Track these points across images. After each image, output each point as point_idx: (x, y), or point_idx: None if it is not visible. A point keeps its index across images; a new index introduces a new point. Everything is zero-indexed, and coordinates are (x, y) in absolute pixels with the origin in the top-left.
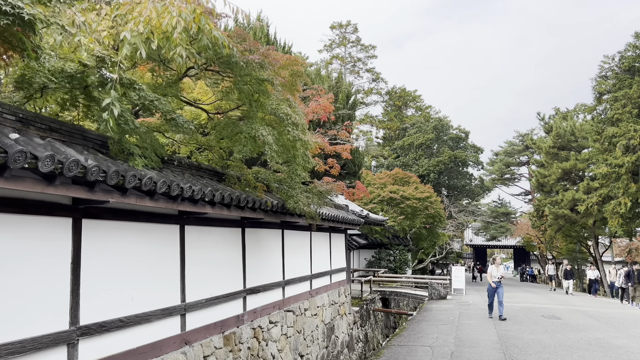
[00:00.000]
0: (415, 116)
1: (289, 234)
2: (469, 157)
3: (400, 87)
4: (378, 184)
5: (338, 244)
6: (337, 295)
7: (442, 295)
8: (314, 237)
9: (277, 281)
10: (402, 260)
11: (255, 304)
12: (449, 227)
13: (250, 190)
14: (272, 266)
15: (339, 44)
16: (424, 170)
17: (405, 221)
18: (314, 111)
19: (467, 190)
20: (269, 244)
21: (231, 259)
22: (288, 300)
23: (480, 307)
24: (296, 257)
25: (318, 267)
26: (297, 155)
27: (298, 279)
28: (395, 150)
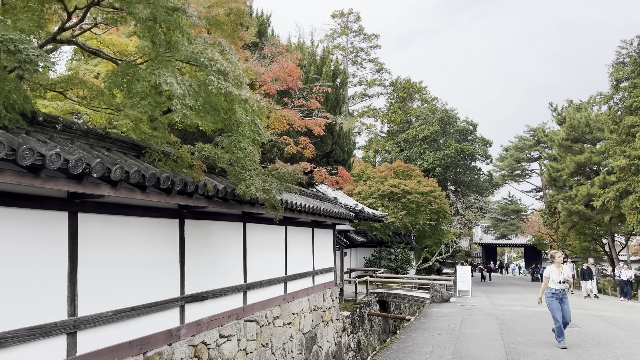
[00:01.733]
0: (421, 108)
1: (253, 228)
2: (477, 151)
3: (405, 79)
4: (378, 177)
5: (324, 241)
6: (322, 299)
7: (445, 297)
8: (291, 233)
9: (235, 285)
10: (404, 259)
11: (200, 314)
12: (455, 224)
13: (185, 171)
14: (228, 267)
15: (340, 34)
16: (429, 164)
17: (407, 217)
18: (276, 76)
19: (475, 185)
20: (223, 240)
21: (161, 258)
22: (251, 307)
23: (487, 312)
24: (264, 256)
25: (296, 267)
26: (239, 122)
27: (266, 282)
28: (399, 143)
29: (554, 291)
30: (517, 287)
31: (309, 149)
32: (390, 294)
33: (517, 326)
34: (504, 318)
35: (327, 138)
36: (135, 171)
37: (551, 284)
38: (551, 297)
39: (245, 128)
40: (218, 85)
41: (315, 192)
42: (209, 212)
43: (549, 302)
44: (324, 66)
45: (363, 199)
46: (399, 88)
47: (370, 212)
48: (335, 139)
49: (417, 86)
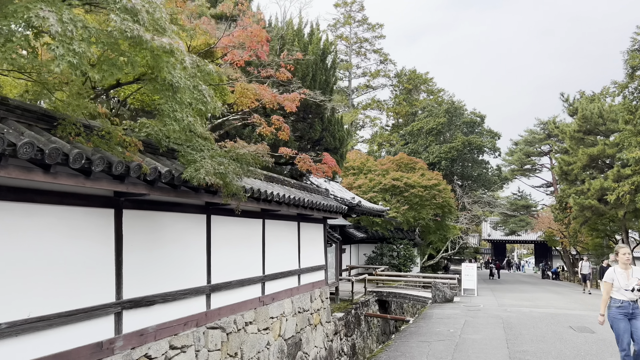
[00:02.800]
0: (426, 100)
1: (220, 221)
2: (485, 143)
3: (410, 69)
4: (379, 170)
5: (313, 237)
6: (309, 300)
7: (448, 297)
8: (270, 227)
9: (196, 287)
10: (407, 256)
11: (144, 321)
12: (462, 219)
13: (118, 150)
14: (186, 266)
15: (343, 23)
16: (434, 157)
17: (409, 212)
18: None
19: (483, 179)
20: (178, 235)
21: (87, 255)
22: (216, 312)
23: (492, 314)
24: (235, 253)
25: (276, 265)
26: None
27: (237, 283)
28: (403, 136)
29: (620, 303)
30: (526, 285)
31: (284, 130)
32: (390, 293)
33: (525, 331)
34: (511, 321)
35: (315, 123)
36: (25, 144)
37: (615, 292)
38: (616, 312)
39: (184, 94)
40: (121, 27)
41: (304, 183)
42: (158, 201)
43: (612, 319)
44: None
45: (363, 192)
46: (404, 79)
47: (369, 206)
48: (325, 124)
49: (423, 77)
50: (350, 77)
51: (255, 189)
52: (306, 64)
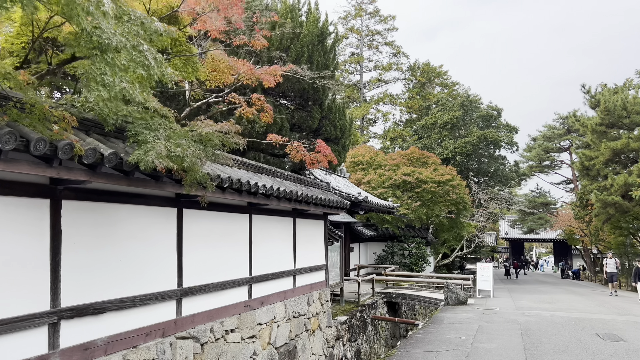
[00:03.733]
0: (441, 93)
1: (195, 216)
2: (502, 138)
3: (424, 62)
4: (390, 165)
5: (311, 234)
6: (306, 303)
7: (462, 299)
8: (259, 223)
9: (162, 291)
10: (419, 255)
11: (91, 333)
12: (477, 216)
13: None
14: (148, 267)
15: (354, 16)
16: (448, 152)
17: (421, 209)
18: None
19: (500, 175)
20: (139, 231)
21: (14, 255)
22: (189, 319)
23: (509, 318)
24: (214, 252)
25: (266, 266)
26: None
27: (217, 286)
28: (416, 131)
29: None
30: (546, 285)
31: (267, 111)
32: (400, 295)
33: (545, 339)
34: (530, 327)
35: (313, 110)
36: None
37: None
38: None
39: (119, 56)
40: None
41: (308, 177)
42: (110, 191)
43: None
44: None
45: (372, 188)
46: (417, 72)
47: (377, 202)
48: (324, 112)
49: (437, 70)
50: (361, 70)
51: (235, 178)
52: (301, 43)
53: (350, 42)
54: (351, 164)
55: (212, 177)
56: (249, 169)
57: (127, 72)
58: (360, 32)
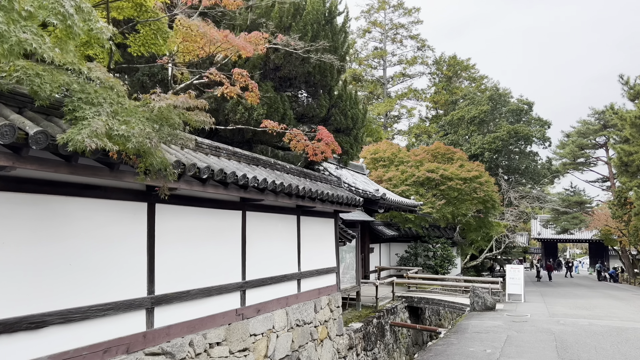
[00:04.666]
0: (468, 87)
1: (171, 211)
2: (533, 133)
3: (450, 55)
4: (413, 161)
5: (318, 233)
6: (312, 310)
7: (489, 304)
8: (255, 221)
9: (127, 300)
10: (444, 256)
11: (28, 352)
12: (507, 216)
13: None
14: (107, 271)
15: (377, 9)
16: (476, 148)
17: (446, 207)
18: None
19: (531, 172)
20: (93, 229)
21: None
22: (162, 332)
23: (542, 327)
24: (196, 254)
25: (265, 269)
26: None
27: (199, 293)
28: (442, 127)
29: None
30: (581, 288)
31: (252, 89)
32: (422, 299)
33: (584, 354)
34: (565, 338)
35: (320, 98)
36: None
37: None
38: None
39: None
40: None
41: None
42: (53, 181)
43: None
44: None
45: (394, 186)
46: (443, 66)
47: (397, 199)
48: (334, 100)
49: (464, 64)
50: (385, 65)
51: (217, 169)
52: (304, 21)
53: (373, 36)
54: (371, 160)
55: (176, 164)
56: (241, 160)
57: (34, 21)
58: (384, 26)
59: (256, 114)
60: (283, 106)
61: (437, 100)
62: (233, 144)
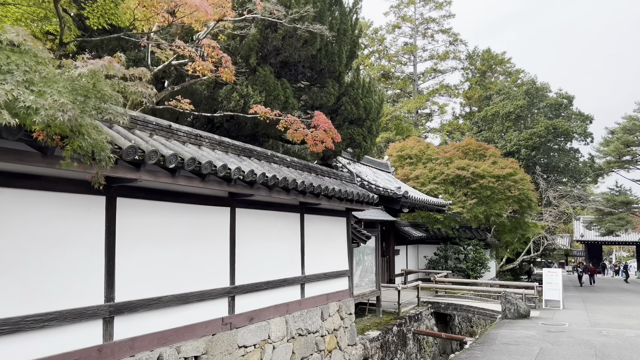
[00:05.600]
0: (503, 82)
1: (135, 206)
2: (574, 128)
3: (484, 49)
4: (442, 159)
5: (326, 233)
6: (319, 317)
7: (523, 311)
8: (248, 218)
9: (78, 308)
10: (476, 259)
11: None
12: (546, 216)
13: None
14: (49, 275)
15: (407, 3)
16: (512, 145)
17: (478, 207)
18: None
19: (571, 170)
20: (36, 227)
21: None
22: (126, 344)
23: (581, 339)
24: (170, 254)
25: (259, 272)
26: None
27: (174, 299)
28: (475, 123)
29: None
30: (629, 294)
31: (226, 64)
32: (449, 305)
33: None
34: (608, 352)
35: (328, 85)
36: None
37: None
38: None
39: None
40: None
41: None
42: None
43: None
44: None
45: (421, 184)
46: (476, 61)
47: (421, 198)
48: (344, 88)
49: (499, 58)
50: (415, 61)
51: (188, 158)
52: None
53: (402, 32)
54: (398, 158)
55: (131, 151)
56: (229, 150)
57: None
58: (414, 20)
59: (252, 102)
60: (284, 93)
61: (470, 95)
62: (238, 138)
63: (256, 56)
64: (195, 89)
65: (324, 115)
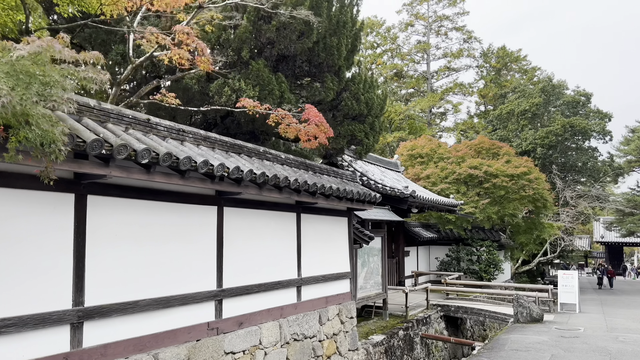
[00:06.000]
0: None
1: (110, 204)
2: (592, 126)
3: (499, 47)
4: (454, 157)
5: (326, 233)
6: (317, 321)
7: (536, 315)
8: (236, 217)
9: (39, 313)
10: (489, 260)
11: None
12: (563, 216)
13: None
14: (8, 278)
15: (420, 1)
16: (528, 144)
17: (491, 207)
18: None
19: (590, 169)
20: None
21: None
22: (97, 351)
23: (597, 345)
24: (149, 255)
25: (250, 274)
26: None
27: (152, 303)
28: (490, 122)
29: None
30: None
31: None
32: (459, 308)
33: None
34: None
35: (327, 80)
36: None
37: None
38: None
39: None
40: None
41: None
42: None
43: None
44: None
45: (432, 184)
46: (491, 58)
47: (431, 197)
48: (344, 83)
49: (514, 55)
50: (428, 59)
51: (164, 152)
52: None
53: (416, 30)
54: (409, 157)
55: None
56: (215, 147)
57: None
58: (427, 18)
59: (245, 97)
60: (280, 88)
61: (485, 94)
62: (237, 136)
63: (249, 49)
64: (187, 84)
65: (315, 108)
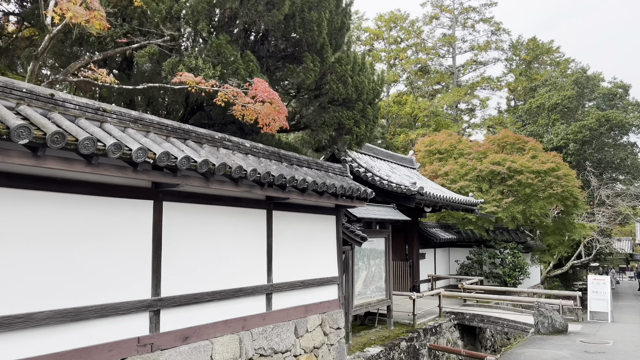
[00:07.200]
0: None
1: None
2: (630, 120)
3: (530, 38)
4: (475, 153)
5: (308, 232)
6: (292, 333)
7: (559, 326)
8: (180, 214)
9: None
10: (514, 263)
11: None
12: (599, 217)
13: None
14: None
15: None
16: (559, 139)
17: (515, 206)
18: None
19: (628, 166)
20: None
21: None
22: None
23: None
24: (49, 259)
25: (200, 280)
26: None
27: (56, 316)
28: (520, 117)
29: None
30: None
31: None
32: (475, 316)
33: None
34: None
35: (307, 59)
36: None
37: None
38: None
39: None
40: None
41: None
42: None
43: None
44: None
45: (451, 181)
46: (521, 51)
47: (444, 195)
48: (328, 64)
49: (546, 47)
50: (454, 52)
51: (52, 131)
52: None
53: (440, 22)
54: (426, 153)
55: None
56: (150, 130)
57: None
58: (452, 10)
59: (204, 76)
60: (246, 67)
61: (514, 87)
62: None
63: (207, 22)
64: (137, 62)
65: (265, 83)
